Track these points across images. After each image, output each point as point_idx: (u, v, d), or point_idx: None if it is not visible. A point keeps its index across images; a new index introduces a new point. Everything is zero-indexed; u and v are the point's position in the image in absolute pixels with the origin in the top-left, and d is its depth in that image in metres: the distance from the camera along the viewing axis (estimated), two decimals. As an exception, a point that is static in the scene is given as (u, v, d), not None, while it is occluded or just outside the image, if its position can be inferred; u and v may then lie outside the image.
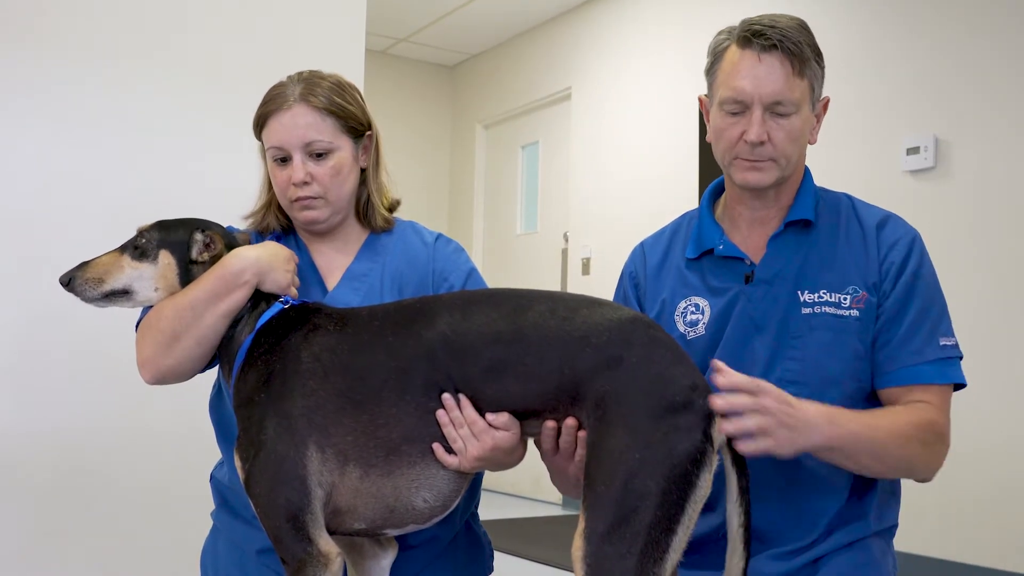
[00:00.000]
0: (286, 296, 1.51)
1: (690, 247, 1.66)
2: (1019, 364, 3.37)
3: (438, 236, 1.79)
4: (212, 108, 2.82)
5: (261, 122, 1.65)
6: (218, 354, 1.52)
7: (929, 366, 1.49)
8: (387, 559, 1.53)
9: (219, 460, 1.76)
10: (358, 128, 1.67)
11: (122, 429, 2.63)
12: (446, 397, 1.34)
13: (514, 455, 1.38)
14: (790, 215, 1.59)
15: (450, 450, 1.35)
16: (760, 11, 1.65)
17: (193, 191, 2.72)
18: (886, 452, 1.41)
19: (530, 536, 4.40)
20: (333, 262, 1.72)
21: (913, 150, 3.70)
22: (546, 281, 5.72)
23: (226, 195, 2.25)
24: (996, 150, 3.48)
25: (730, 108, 1.53)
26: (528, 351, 1.30)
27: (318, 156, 1.62)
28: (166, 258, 1.50)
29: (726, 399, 1.25)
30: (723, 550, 1.30)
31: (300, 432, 1.35)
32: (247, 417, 1.40)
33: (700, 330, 1.59)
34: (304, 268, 1.68)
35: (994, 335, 3.42)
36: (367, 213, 1.74)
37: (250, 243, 1.62)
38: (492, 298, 1.39)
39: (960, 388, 1.53)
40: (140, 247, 1.51)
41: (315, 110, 1.61)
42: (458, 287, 1.70)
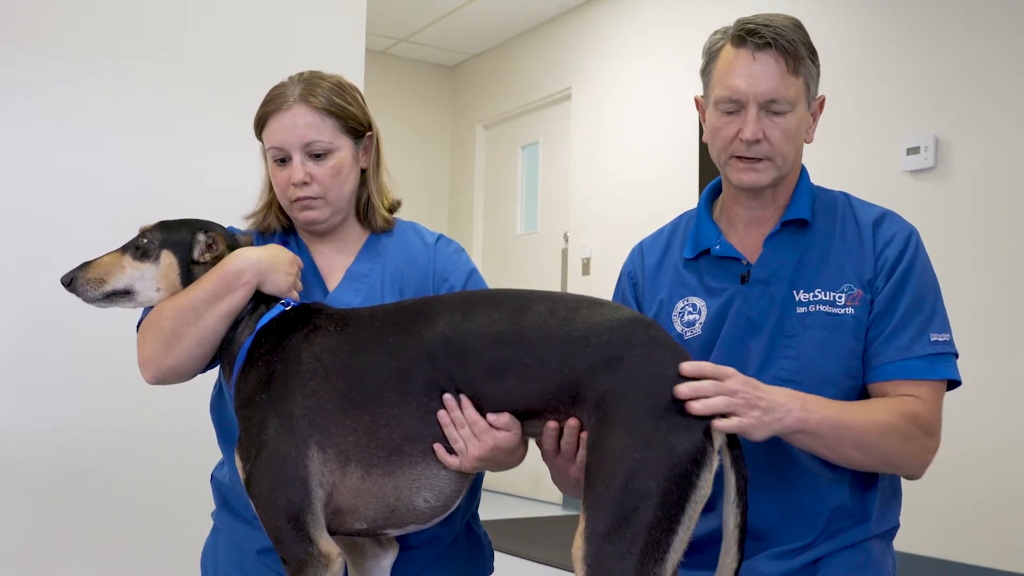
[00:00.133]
0: (288, 298, 1.51)
1: (687, 247, 1.66)
2: (1019, 364, 3.37)
3: (439, 237, 1.79)
4: (212, 108, 2.82)
5: (261, 122, 1.65)
6: (219, 355, 1.52)
7: (918, 361, 1.47)
8: (388, 559, 1.53)
9: (220, 460, 1.76)
10: (358, 128, 1.67)
11: (122, 429, 2.63)
12: (447, 397, 1.34)
13: (515, 455, 1.38)
14: (786, 214, 1.58)
15: (451, 450, 1.35)
16: (760, 11, 1.65)
17: (193, 191, 2.72)
18: (866, 442, 1.40)
19: (530, 536, 4.40)
20: (334, 263, 1.72)
21: (913, 150, 3.70)
22: (546, 281, 5.72)
23: (226, 195, 2.25)
24: (996, 150, 3.48)
25: (725, 107, 1.53)
26: (529, 351, 1.30)
27: (318, 156, 1.62)
28: (168, 258, 1.50)
29: (690, 385, 1.24)
30: (723, 550, 1.30)
31: (301, 433, 1.35)
32: (248, 418, 1.40)
33: (697, 330, 1.59)
34: (305, 269, 1.68)
35: (994, 335, 3.42)
36: (367, 214, 1.73)
37: (252, 244, 1.62)
38: (492, 298, 1.39)
39: (955, 386, 1.52)
40: (142, 247, 1.50)
41: (315, 110, 1.61)
42: (459, 288, 1.70)
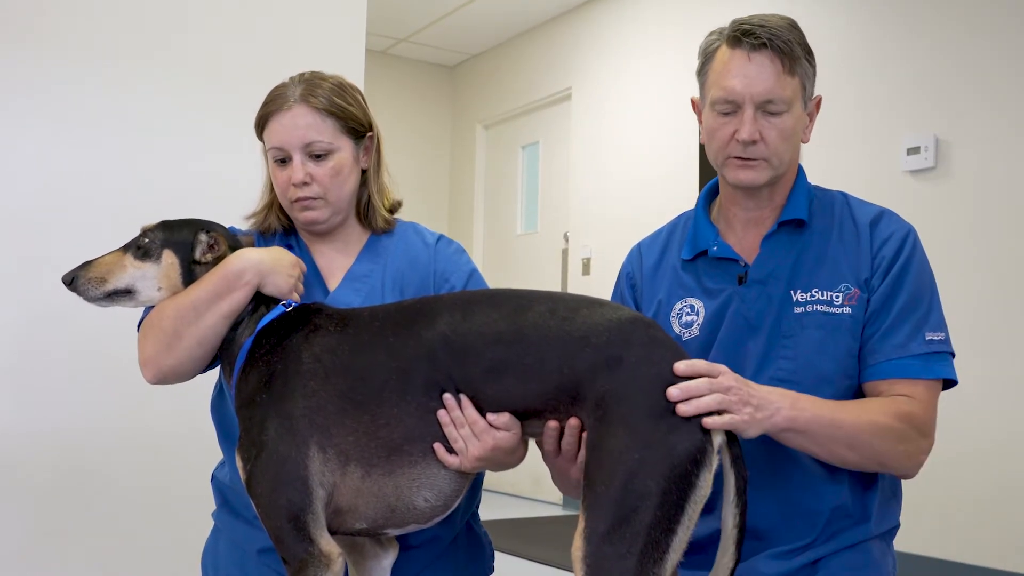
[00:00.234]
0: (289, 299, 1.51)
1: (685, 248, 1.66)
2: (1019, 364, 3.37)
3: (439, 237, 1.79)
4: (212, 108, 2.82)
5: (262, 123, 1.65)
6: (219, 355, 1.52)
7: (913, 360, 1.47)
8: (388, 559, 1.53)
9: (220, 460, 1.76)
10: (359, 129, 1.67)
11: (122, 429, 2.63)
12: (447, 397, 1.34)
13: (515, 455, 1.38)
14: (783, 215, 1.58)
15: (451, 450, 1.35)
16: (760, 11, 1.65)
17: (193, 191, 2.72)
18: (859, 441, 1.40)
19: (530, 536, 4.40)
20: (334, 263, 1.72)
21: (913, 150, 3.70)
22: (546, 281, 5.72)
23: (226, 195, 2.26)
24: (996, 150, 3.48)
25: (722, 108, 1.53)
26: (528, 351, 1.30)
27: (318, 157, 1.62)
28: (169, 258, 1.50)
29: (680, 386, 1.24)
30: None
31: (302, 433, 1.35)
32: (248, 418, 1.40)
33: (695, 331, 1.59)
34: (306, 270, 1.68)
35: (994, 335, 3.42)
36: (368, 214, 1.74)
37: (254, 245, 1.62)
38: (492, 298, 1.39)
39: (951, 385, 1.51)
40: (143, 247, 1.50)
41: (315, 111, 1.61)
42: (459, 288, 1.70)
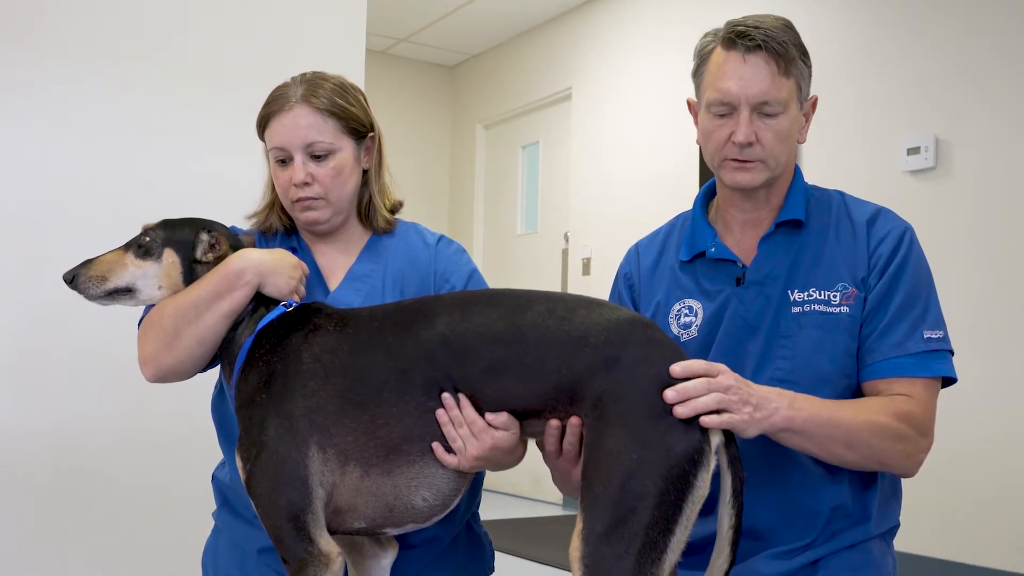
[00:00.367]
0: (289, 300, 1.51)
1: (683, 249, 1.65)
2: (1019, 364, 3.37)
3: (440, 237, 1.79)
4: (212, 108, 2.82)
5: (263, 123, 1.65)
6: (219, 355, 1.52)
7: (911, 359, 1.47)
8: (387, 559, 1.53)
9: (221, 460, 1.76)
10: (360, 129, 1.67)
11: (122, 429, 2.63)
12: (446, 396, 1.34)
13: (514, 455, 1.39)
14: (781, 215, 1.58)
15: (450, 449, 1.35)
16: (762, 11, 1.65)
17: (193, 191, 2.73)
18: (857, 440, 1.39)
19: (531, 536, 4.41)
20: (335, 263, 1.72)
21: (913, 150, 3.70)
22: (546, 281, 5.72)
23: (226, 195, 2.26)
24: (996, 150, 3.48)
25: (717, 110, 1.53)
26: (527, 351, 1.30)
27: (319, 157, 1.62)
28: (170, 257, 1.50)
29: (676, 388, 1.23)
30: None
31: (301, 433, 1.35)
32: (248, 418, 1.40)
33: (693, 332, 1.59)
34: (305, 270, 1.68)
35: (994, 335, 3.42)
36: (369, 214, 1.74)
37: (255, 245, 1.62)
38: (491, 298, 1.39)
39: (950, 383, 1.51)
40: (144, 245, 1.51)
41: (316, 111, 1.61)
42: (459, 288, 1.70)
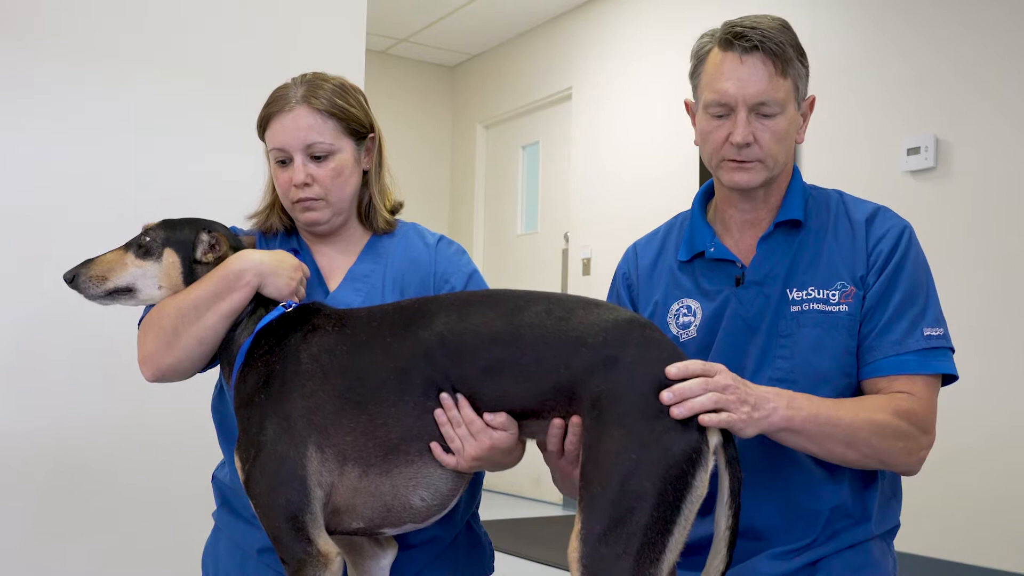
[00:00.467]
0: (289, 300, 1.51)
1: (682, 249, 1.65)
2: (1019, 363, 3.37)
3: (440, 238, 1.79)
4: (212, 108, 2.82)
5: (264, 123, 1.65)
6: (218, 355, 1.52)
7: (911, 356, 1.47)
8: (387, 559, 1.53)
9: (221, 461, 1.76)
10: (360, 130, 1.67)
11: (122, 429, 2.63)
12: (444, 397, 1.34)
13: (512, 455, 1.39)
14: (779, 215, 1.58)
15: (448, 449, 1.36)
16: (762, 11, 1.64)
17: (193, 191, 2.73)
18: (857, 439, 1.39)
19: (531, 536, 4.41)
20: (335, 263, 1.72)
21: (913, 150, 3.69)
22: (546, 281, 5.72)
23: (226, 195, 2.26)
24: (996, 150, 3.48)
25: (715, 111, 1.53)
26: (525, 351, 1.30)
27: (319, 158, 1.62)
28: (171, 257, 1.51)
29: (672, 389, 1.23)
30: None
31: (300, 433, 1.35)
32: (247, 418, 1.40)
33: (692, 332, 1.59)
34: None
35: (994, 334, 3.42)
36: (369, 215, 1.74)
37: (255, 246, 1.62)
38: (489, 299, 1.39)
39: (950, 381, 1.51)
40: (144, 245, 1.51)
41: (316, 112, 1.61)
42: (459, 289, 1.70)
